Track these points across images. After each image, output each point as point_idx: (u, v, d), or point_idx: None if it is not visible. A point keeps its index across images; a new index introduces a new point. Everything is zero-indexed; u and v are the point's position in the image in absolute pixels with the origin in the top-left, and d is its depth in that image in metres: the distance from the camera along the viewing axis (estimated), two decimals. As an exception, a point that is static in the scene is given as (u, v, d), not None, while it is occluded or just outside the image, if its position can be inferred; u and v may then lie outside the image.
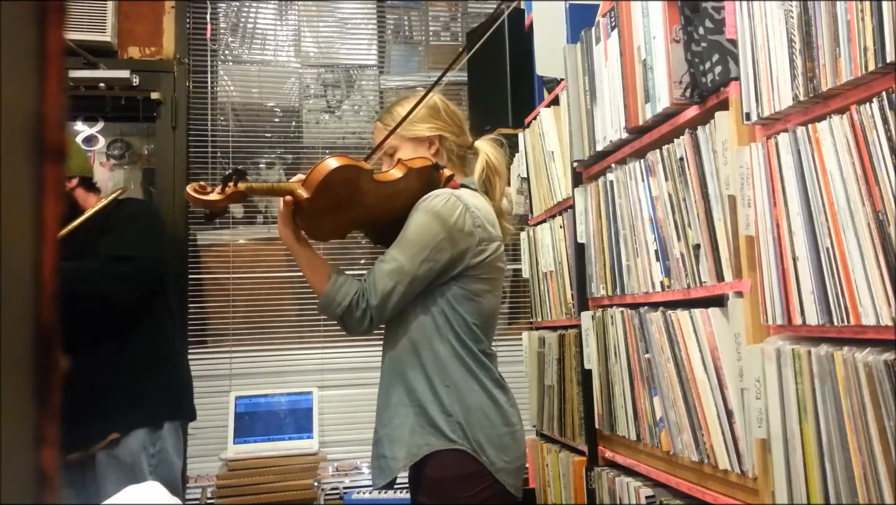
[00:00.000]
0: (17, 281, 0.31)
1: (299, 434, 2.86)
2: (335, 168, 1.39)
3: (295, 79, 3.29)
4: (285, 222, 1.46)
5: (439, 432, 1.46)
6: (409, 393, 1.50)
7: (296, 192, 1.40)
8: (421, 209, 1.49)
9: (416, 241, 1.46)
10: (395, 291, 1.45)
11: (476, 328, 1.52)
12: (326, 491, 2.78)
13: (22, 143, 0.32)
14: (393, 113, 1.61)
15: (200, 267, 3.07)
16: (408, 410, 1.49)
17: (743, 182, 1.37)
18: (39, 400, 0.32)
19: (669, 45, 1.61)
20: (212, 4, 3.22)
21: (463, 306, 1.50)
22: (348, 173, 1.41)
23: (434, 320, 1.50)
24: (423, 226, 1.47)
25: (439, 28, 3.49)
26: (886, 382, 1.03)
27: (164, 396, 2.08)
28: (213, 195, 1.34)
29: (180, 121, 3.05)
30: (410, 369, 1.50)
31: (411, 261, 1.45)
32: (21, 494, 0.31)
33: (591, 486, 2.04)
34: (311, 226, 1.47)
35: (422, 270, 1.46)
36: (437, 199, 1.49)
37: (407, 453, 1.47)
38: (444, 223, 1.47)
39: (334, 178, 1.39)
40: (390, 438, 1.50)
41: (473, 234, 1.50)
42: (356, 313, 1.46)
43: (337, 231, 1.54)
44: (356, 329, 1.50)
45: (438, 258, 1.47)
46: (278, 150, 3.25)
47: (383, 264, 1.47)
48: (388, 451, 1.50)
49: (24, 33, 0.32)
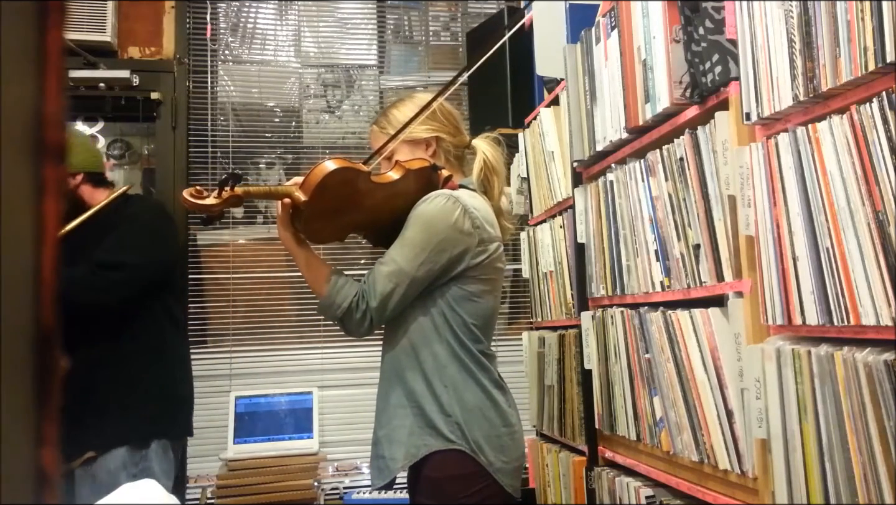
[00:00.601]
0: (17, 281, 0.31)
1: (299, 434, 2.86)
2: (333, 170, 1.38)
3: (295, 79, 3.29)
4: (284, 225, 1.46)
5: (437, 433, 1.46)
6: (407, 394, 1.50)
7: (293, 195, 1.39)
8: (419, 211, 1.49)
9: (415, 243, 1.46)
10: (395, 293, 1.45)
11: (475, 329, 1.52)
12: (326, 491, 2.78)
13: (22, 143, 0.32)
14: (388, 116, 1.61)
15: (200, 267, 3.07)
16: (406, 411, 1.49)
17: (743, 182, 1.37)
18: (39, 400, 0.32)
19: (669, 45, 1.61)
20: (212, 4, 3.22)
21: (462, 307, 1.50)
22: (346, 175, 1.41)
23: (433, 321, 1.50)
24: (422, 227, 1.47)
25: (439, 28, 3.49)
26: (886, 382, 1.03)
27: (152, 412, 1.93)
28: (210, 199, 1.33)
29: (180, 121, 3.05)
30: (409, 370, 1.50)
31: (411, 263, 1.45)
32: (21, 494, 0.31)
33: (591, 486, 2.04)
34: (310, 228, 1.46)
35: (421, 272, 1.46)
36: (435, 201, 1.49)
37: (405, 454, 1.47)
38: (444, 224, 1.47)
39: (332, 180, 1.38)
40: (389, 439, 1.50)
41: (473, 235, 1.50)
42: (356, 315, 1.46)
43: (336, 234, 1.54)
44: (356, 331, 1.50)
45: (438, 259, 1.47)
46: (278, 151, 3.25)
47: (382, 266, 1.47)
48: (387, 451, 1.50)
49: (24, 33, 0.32)
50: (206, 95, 3.17)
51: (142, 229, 2.04)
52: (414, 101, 1.62)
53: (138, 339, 1.97)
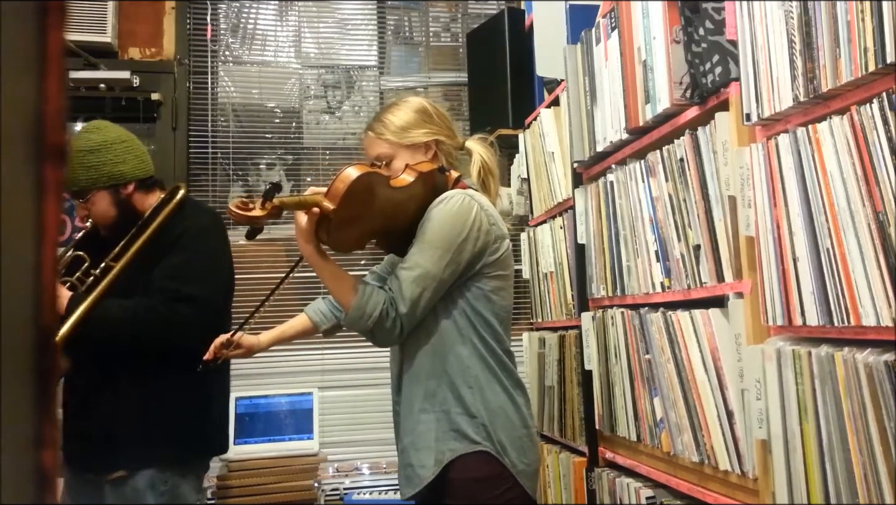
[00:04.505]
0: (17, 282, 0.31)
1: (300, 435, 2.85)
2: (358, 176, 1.37)
3: (295, 80, 3.29)
4: (307, 238, 1.40)
5: (463, 436, 1.45)
6: (430, 399, 1.48)
7: (322, 204, 1.38)
8: (437, 212, 1.48)
9: (437, 244, 1.45)
10: (423, 297, 1.43)
11: (497, 327, 1.51)
12: (327, 492, 2.77)
13: (23, 143, 0.32)
14: (384, 121, 1.60)
15: (201, 268, 3.07)
16: (431, 417, 1.47)
17: (743, 183, 1.37)
18: (39, 401, 0.32)
19: (670, 45, 1.61)
20: (212, 5, 3.22)
21: (482, 306, 1.50)
22: (370, 181, 1.40)
23: (455, 322, 1.49)
24: (442, 228, 1.46)
25: (439, 29, 3.50)
26: (887, 383, 1.03)
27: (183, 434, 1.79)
28: (256, 211, 1.32)
29: (181, 122, 3.05)
30: (433, 374, 1.48)
31: (436, 264, 1.44)
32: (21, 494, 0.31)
33: (592, 487, 2.04)
34: (336, 237, 1.43)
35: (447, 273, 1.45)
36: (452, 201, 1.48)
37: (435, 460, 1.45)
38: (464, 224, 1.46)
39: (358, 186, 1.37)
40: (415, 446, 1.48)
41: (490, 232, 1.50)
42: (387, 324, 1.42)
43: (359, 241, 1.52)
44: (387, 340, 1.46)
45: (460, 259, 1.46)
46: (279, 151, 3.25)
47: (408, 271, 1.44)
48: (415, 459, 1.47)
49: (25, 34, 0.32)
50: (206, 96, 3.17)
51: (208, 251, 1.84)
52: (408, 105, 1.61)
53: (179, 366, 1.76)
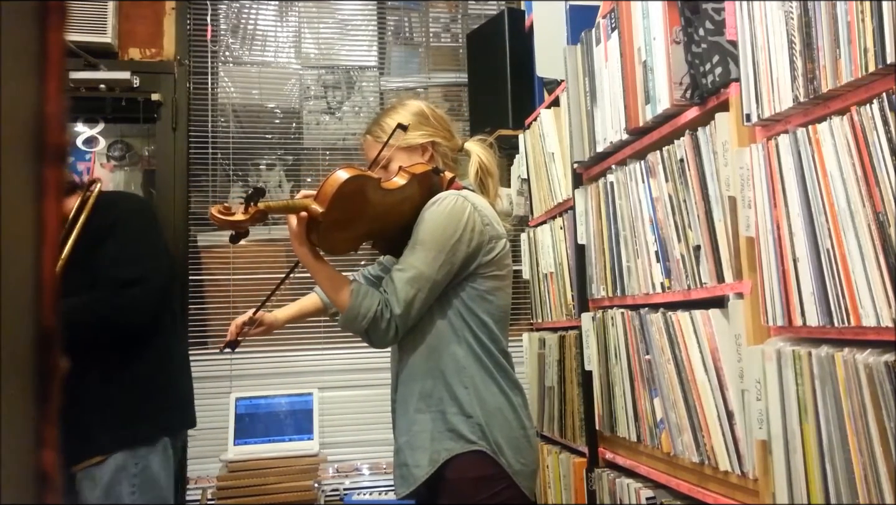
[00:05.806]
0: (18, 282, 0.31)
1: (300, 435, 2.85)
2: (347, 179, 1.38)
3: (295, 80, 3.29)
4: (301, 241, 1.42)
5: (459, 435, 1.45)
6: (426, 399, 1.49)
7: (310, 208, 1.38)
8: (431, 213, 1.48)
9: (431, 246, 1.45)
10: (417, 298, 1.44)
11: (493, 327, 1.51)
12: (327, 492, 2.77)
13: (23, 144, 0.32)
14: (382, 125, 1.61)
15: (201, 268, 3.07)
16: (426, 416, 1.48)
17: (743, 183, 1.37)
18: (39, 401, 0.32)
19: (670, 46, 1.61)
20: (212, 6, 3.22)
21: (478, 306, 1.50)
22: (359, 183, 1.41)
23: (450, 323, 1.49)
24: (436, 229, 1.46)
25: (439, 29, 3.49)
26: (887, 384, 1.03)
27: (150, 411, 1.88)
28: (238, 216, 1.32)
29: (181, 122, 3.05)
30: (428, 374, 1.49)
31: (430, 266, 1.44)
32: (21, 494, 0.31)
33: (592, 487, 2.04)
34: (327, 240, 1.44)
35: (441, 274, 1.45)
36: (445, 202, 1.48)
37: (430, 460, 1.46)
38: (457, 225, 1.47)
39: (346, 189, 1.38)
40: (411, 446, 1.49)
41: (484, 233, 1.50)
42: (381, 325, 1.43)
43: (351, 243, 1.53)
44: (381, 341, 1.46)
45: (454, 260, 1.46)
46: (279, 152, 3.25)
47: (402, 272, 1.45)
48: (410, 458, 1.48)
49: (25, 34, 0.32)
50: (206, 97, 3.17)
51: (141, 236, 1.92)
52: (406, 108, 1.61)
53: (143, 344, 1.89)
